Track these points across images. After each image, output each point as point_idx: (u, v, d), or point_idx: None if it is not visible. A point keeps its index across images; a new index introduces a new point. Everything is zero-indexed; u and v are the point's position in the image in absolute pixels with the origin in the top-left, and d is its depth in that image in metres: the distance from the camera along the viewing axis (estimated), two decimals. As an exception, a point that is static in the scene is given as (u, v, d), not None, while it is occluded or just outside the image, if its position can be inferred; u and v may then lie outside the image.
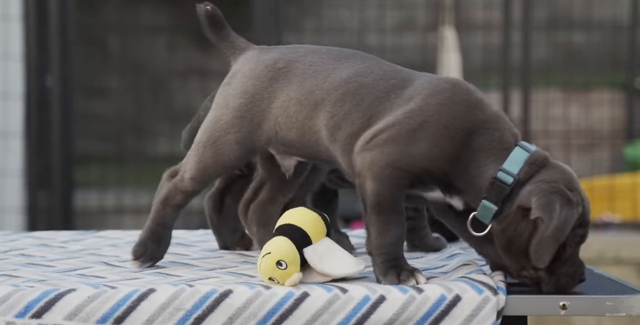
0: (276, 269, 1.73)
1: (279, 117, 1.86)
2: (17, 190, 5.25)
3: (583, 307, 1.73)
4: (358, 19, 6.17)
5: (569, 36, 6.34)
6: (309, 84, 1.85)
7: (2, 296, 1.66)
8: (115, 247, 2.18)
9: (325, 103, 1.83)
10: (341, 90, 1.83)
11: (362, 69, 1.84)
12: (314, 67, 1.86)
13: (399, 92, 1.81)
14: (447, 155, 1.77)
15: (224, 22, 1.92)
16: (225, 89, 1.91)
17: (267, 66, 1.88)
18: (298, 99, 1.85)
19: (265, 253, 1.74)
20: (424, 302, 1.69)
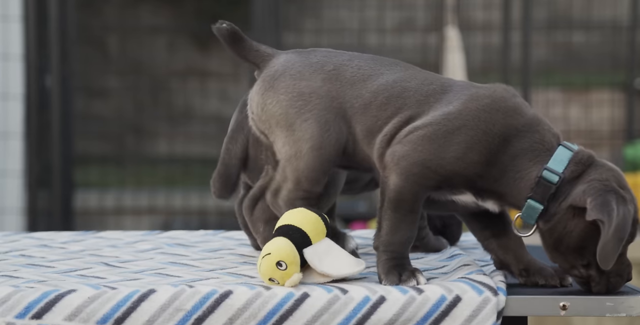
0: (276, 269, 1.73)
1: (338, 118, 1.85)
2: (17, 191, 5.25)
3: (583, 307, 1.73)
4: (358, 19, 6.17)
5: (568, 36, 6.34)
6: (360, 87, 1.86)
7: (2, 297, 1.66)
8: (115, 247, 2.18)
9: (371, 106, 1.84)
10: (387, 93, 1.85)
11: (406, 75, 1.86)
12: (362, 71, 1.87)
13: (438, 97, 1.83)
14: (484, 159, 1.78)
15: (242, 36, 1.91)
16: (270, 96, 1.88)
17: (317, 69, 1.88)
18: (351, 102, 1.85)
19: (265, 254, 1.74)
20: (424, 302, 1.69)
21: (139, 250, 2.14)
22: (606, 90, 6.19)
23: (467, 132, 1.79)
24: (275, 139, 1.87)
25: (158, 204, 6.07)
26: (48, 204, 5.37)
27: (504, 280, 1.79)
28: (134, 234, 2.36)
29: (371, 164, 1.86)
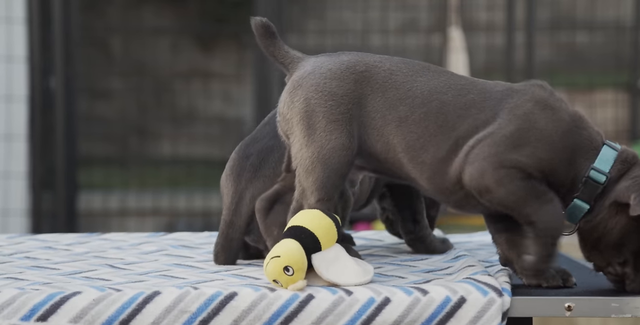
0: (282, 273, 1.72)
1: (367, 127, 1.81)
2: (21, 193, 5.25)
3: (588, 308, 1.73)
4: (361, 20, 6.17)
5: (572, 37, 6.34)
6: (392, 96, 1.82)
7: (7, 299, 1.66)
8: (120, 249, 2.18)
9: (408, 121, 1.80)
10: (424, 108, 1.81)
11: (440, 84, 1.82)
12: (394, 77, 1.83)
13: (480, 106, 1.81)
14: (553, 157, 1.78)
15: (275, 33, 1.88)
16: (298, 93, 1.83)
17: (349, 67, 1.83)
18: (383, 112, 1.81)
19: (275, 256, 1.73)
20: (429, 303, 1.69)
21: (143, 252, 2.14)
22: (610, 91, 6.18)
23: (525, 133, 1.78)
24: (294, 140, 1.82)
25: (162, 205, 6.08)
26: (52, 206, 5.38)
27: (508, 281, 1.79)
28: (139, 235, 2.36)
29: (407, 177, 1.82)
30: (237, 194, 1.97)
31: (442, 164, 1.80)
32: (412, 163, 1.80)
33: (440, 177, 1.80)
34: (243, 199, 1.97)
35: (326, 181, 1.80)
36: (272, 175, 1.95)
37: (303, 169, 1.80)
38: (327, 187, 1.80)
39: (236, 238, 1.98)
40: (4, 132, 5.23)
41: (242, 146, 2.02)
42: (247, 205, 1.97)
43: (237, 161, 2.00)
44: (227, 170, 2.02)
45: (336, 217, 1.80)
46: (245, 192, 1.97)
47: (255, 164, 1.97)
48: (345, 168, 1.81)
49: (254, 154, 1.98)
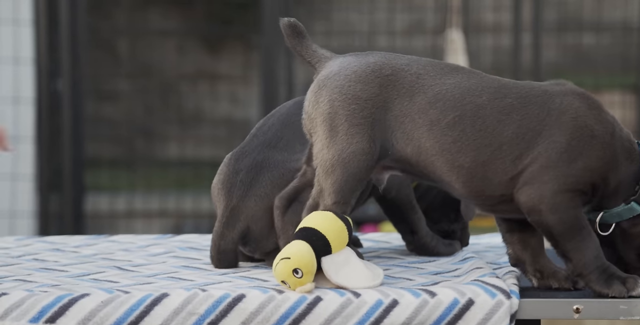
0: (291, 275, 1.72)
1: (396, 131, 1.80)
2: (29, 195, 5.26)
3: (597, 310, 1.73)
4: (368, 22, 6.16)
5: (579, 38, 6.33)
6: (420, 100, 1.80)
7: (16, 301, 1.66)
8: (128, 251, 2.18)
9: (441, 124, 1.79)
10: (458, 112, 1.79)
11: (472, 86, 1.81)
12: (422, 81, 1.81)
13: (522, 112, 1.79)
14: (606, 162, 1.79)
15: (305, 33, 1.87)
16: (322, 94, 1.81)
17: (374, 71, 1.81)
18: (412, 116, 1.80)
19: (285, 257, 1.73)
20: (437, 306, 1.69)
21: (151, 254, 2.14)
22: (617, 92, 6.17)
23: (577, 144, 1.78)
24: (316, 140, 1.81)
25: (169, 207, 6.08)
26: (59, 208, 5.39)
27: (516, 283, 1.79)
28: (146, 237, 2.36)
29: (439, 179, 1.81)
30: (229, 210, 1.97)
31: (482, 168, 1.78)
32: (447, 166, 1.79)
33: (479, 182, 1.79)
34: (236, 216, 1.97)
35: (344, 185, 1.79)
36: (264, 195, 1.96)
37: (323, 170, 1.80)
38: (345, 191, 1.79)
39: (229, 249, 1.98)
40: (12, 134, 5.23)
41: (231, 159, 2.01)
42: (241, 221, 1.97)
43: (227, 176, 1.99)
44: (217, 183, 2.01)
45: (348, 220, 1.79)
46: (237, 210, 1.97)
47: (245, 182, 1.97)
48: (364, 172, 1.80)
49: (244, 170, 1.98)
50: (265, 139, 2.01)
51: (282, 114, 2.05)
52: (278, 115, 2.05)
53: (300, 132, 1.94)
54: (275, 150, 2.00)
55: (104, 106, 6.85)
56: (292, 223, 1.90)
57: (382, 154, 1.81)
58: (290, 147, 2.00)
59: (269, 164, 1.96)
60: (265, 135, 2.02)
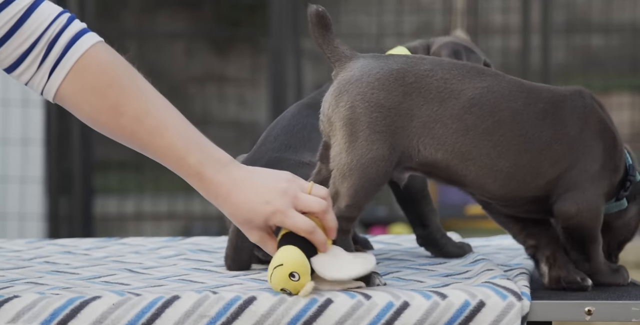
0: (289, 280, 1.71)
1: (423, 137, 1.78)
2: (38, 197, 5.27)
3: (608, 312, 1.73)
4: (376, 24, 6.17)
5: (587, 39, 6.33)
6: (452, 105, 1.79)
7: (27, 304, 1.67)
8: (139, 254, 2.18)
9: (479, 130, 1.79)
10: (496, 117, 1.79)
11: (504, 91, 1.81)
12: (449, 86, 1.79)
13: (555, 117, 1.82)
14: (623, 163, 1.86)
15: (331, 26, 1.81)
16: (344, 99, 1.79)
17: (397, 79, 1.78)
18: (444, 122, 1.78)
19: (277, 265, 1.73)
20: (448, 308, 1.69)
21: (162, 257, 2.14)
22: (626, 94, 6.17)
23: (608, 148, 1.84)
24: (334, 143, 1.80)
25: (177, 209, 6.09)
26: (68, 210, 5.40)
27: (527, 285, 1.78)
28: (157, 240, 2.36)
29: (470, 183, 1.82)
30: None
31: (521, 171, 1.80)
32: (485, 170, 1.80)
33: (516, 185, 1.81)
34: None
35: (360, 189, 1.79)
36: None
37: (340, 173, 1.79)
38: (360, 195, 1.79)
39: (245, 247, 1.98)
40: (21, 137, 5.25)
41: (244, 163, 1.99)
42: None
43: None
44: None
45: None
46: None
47: None
48: (381, 179, 1.79)
49: None
50: (274, 145, 2.02)
51: (284, 126, 2.05)
52: (281, 127, 2.05)
53: (307, 139, 1.95)
54: (285, 155, 2.00)
55: (113, 109, 6.85)
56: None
57: (404, 160, 1.80)
58: (300, 154, 2.00)
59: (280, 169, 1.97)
60: (272, 144, 2.02)
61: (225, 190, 1.81)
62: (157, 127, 1.83)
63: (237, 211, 1.81)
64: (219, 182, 1.81)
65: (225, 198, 1.81)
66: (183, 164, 1.82)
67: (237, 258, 1.98)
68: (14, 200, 5.19)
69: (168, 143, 1.82)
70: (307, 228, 1.77)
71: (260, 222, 1.80)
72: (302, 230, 1.76)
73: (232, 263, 1.98)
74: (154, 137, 1.83)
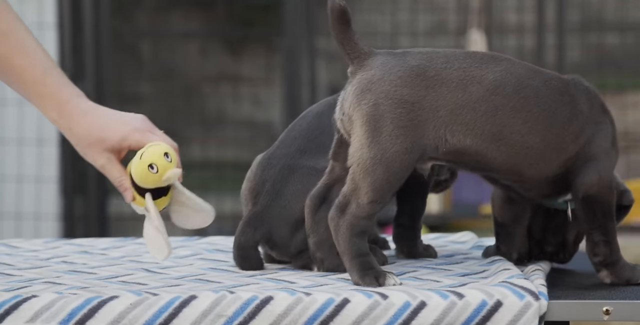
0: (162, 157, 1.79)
1: (451, 125, 1.81)
2: (53, 197, 5.28)
3: (627, 312, 1.72)
4: (390, 23, 6.16)
5: (602, 38, 6.30)
6: (477, 90, 1.82)
7: (46, 303, 1.67)
8: (155, 253, 2.18)
9: (507, 109, 1.83)
10: (521, 94, 1.84)
11: (521, 71, 1.86)
12: (469, 72, 1.83)
13: (568, 93, 1.89)
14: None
15: (351, 22, 1.83)
16: (366, 97, 1.81)
17: (419, 74, 1.81)
18: (471, 106, 1.82)
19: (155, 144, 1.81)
20: (465, 307, 1.69)
21: (178, 256, 2.15)
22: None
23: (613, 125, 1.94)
24: (354, 140, 1.81)
25: (192, 209, 6.09)
26: (84, 210, 5.41)
27: (545, 284, 1.78)
28: (173, 239, 2.36)
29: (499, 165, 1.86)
30: (252, 213, 2.00)
31: (550, 148, 1.86)
32: (515, 149, 1.84)
33: (544, 163, 1.87)
34: (259, 220, 1.99)
35: (384, 184, 1.80)
36: (288, 207, 1.98)
37: (361, 169, 1.80)
38: (384, 190, 1.80)
39: (248, 246, 1.99)
40: (36, 137, 5.26)
41: (258, 168, 2.04)
42: (264, 226, 1.99)
43: (254, 184, 2.02)
44: (245, 189, 2.05)
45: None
46: (261, 216, 1.99)
47: (271, 193, 1.99)
48: (404, 172, 1.81)
49: (269, 180, 2.00)
50: (289, 150, 2.02)
51: (303, 129, 2.05)
52: (299, 130, 2.05)
53: (325, 146, 1.95)
54: (299, 161, 2.00)
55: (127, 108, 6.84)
56: (322, 221, 1.90)
57: (428, 151, 1.83)
58: (315, 160, 2.00)
59: (295, 179, 1.99)
60: (290, 148, 2.03)
61: (81, 110, 1.83)
62: (21, 48, 1.85)
63: (91, 130, 1.82)
64: (76, 104, 1.83)
65: (79, 118, 1.82)
66: (40, 83, 1.84)
67: (244, 256, 1.99)
68: (30, 200, 5.20)
69: (29, 63, 1.85)
70: (171, 142, 1.83)
71: (114, 141, 1.82)
72: (166, 142, 1.82)
73: (241, 262, 1.99)
74: (16, 54, 1.85)
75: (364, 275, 1.80)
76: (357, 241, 1.82)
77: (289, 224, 1.97)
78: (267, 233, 1.98)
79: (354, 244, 1.82)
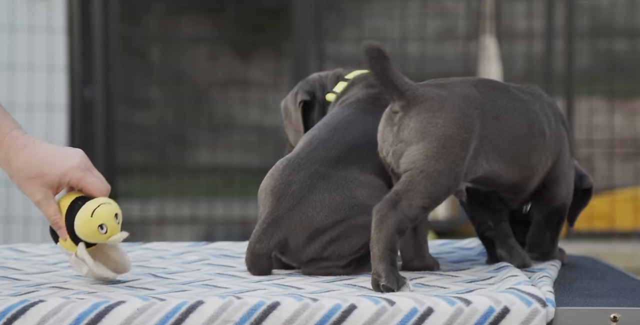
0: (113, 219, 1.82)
1: (490, 153, 1.93)
2: (62, 201, 5.28)
3: (634, 318, 1.72)
4: (399, 28, 6.16)
5: (611, 44, 6.29)
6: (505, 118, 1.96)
7: (53, 308, 1.67)
8: (163, 259, 2.19)
9: (522, 135, 1.97)
10: (528, 120, 1.99)
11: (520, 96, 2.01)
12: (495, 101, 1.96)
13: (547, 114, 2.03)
14: None
15: (389, 59, 1.87)
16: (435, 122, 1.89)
17: (472, 104, 1.92)
18: (502, 134, 1.94)
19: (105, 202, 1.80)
20: (472, 314, 1.69)
21: (186, 262, 2.15)
22: (650, 98, 6.13)
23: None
24: (416, 150, 1.87)
25: (200, 213, 6.10)
26: (92, 214, 5.41)
27: (552, 291, 1.78)
28: (181, 245, 2.37)
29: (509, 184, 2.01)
30: (272, 217, 1.97)
31: (542, 166, 2.01)
32: (524, 169, 1.99)
33: (537, 178, 2.02)
34: (277, 225, 1.96)
35: (441, 196, 1.89)
36: (310, 214, 1.95)
37: (426, 176, 1.86)
38: (438, 201, 1.89)
39: (263, 254, 1.97)
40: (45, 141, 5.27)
41: (286, 168, 1.99)
42: (281, 232, 1.96)
43: (279, 184, 1.97)
44: (266, 187, 1.99)
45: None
46: (280, 220, 1.96)
47: (296, 197, 1.96)
48: (452, 192, 1.92)
49: (297, 183, 1.97)
50: (326, 155, 1.99)
51: (366, 128, 2.01)
52: (345, 135, 2.02)
53: (364, 157, 1.96)
54: (332, 170, 1.98)
55: (136, 113, 6.89)
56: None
57: (466, 176, 1.93)
58: (348, 170, 1.98)
59: (324, 186, 1.96)
60: (328, 152, 1.99)
61: (20, 143, 1.79)
62: None
63: (31, 163, 1.78)
64: (15, 136, 1.80)
65: (18, 150, 1.78)
66: None
67: (256, 262, 1.98)
68: (38, 204, 5.21)
69: None
70: (107, 187, 1.81)
71: (54, 176, 1.78)
72: (101, 188, 1.80)
73: (252, 267, 1.99)
74: None
75: (390, 272, 1.81)
76: (396, 238, 1.84)
77: (306, 231, 1.95)
78: (283, 239, 1.96)
79: (394, 239, 1.84)
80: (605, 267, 2.19)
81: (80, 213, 1.80)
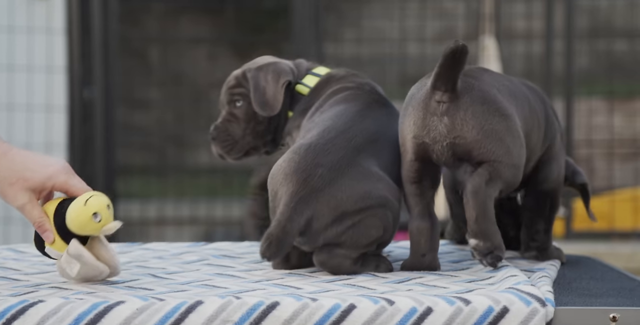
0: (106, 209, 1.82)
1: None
2: (61, 202, 5.28)
3: (633, 318, 1.72)
4: (398, 29, 6.16)
5: (611, 45, 6.29)
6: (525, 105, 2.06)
7: (52, 308, 1.67)
8: (162, 259, 2.19)
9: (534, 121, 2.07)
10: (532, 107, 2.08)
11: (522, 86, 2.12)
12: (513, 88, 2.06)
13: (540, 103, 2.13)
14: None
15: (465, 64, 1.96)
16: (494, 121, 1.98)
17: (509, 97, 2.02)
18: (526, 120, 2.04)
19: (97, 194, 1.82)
20: (472, 313, 1.69)
21: (185, 262, 2.15)
22: (650, 99, 6.13)
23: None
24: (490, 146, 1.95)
25: (199, 214, 6.10)
26: (91, 215, 5.41)
27: (551, 291, 1.78)
28: (180, 245, 2.37)
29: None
30: (298, 197, 1.94)
31: (536, 147, 2.09)
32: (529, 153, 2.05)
33: (534, 159, 2.10)
34: (305, 204, 1.94)
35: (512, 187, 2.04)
36: (338, 198, 1.95)
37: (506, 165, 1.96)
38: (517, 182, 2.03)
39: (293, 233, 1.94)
40: (44, 142, 5.27)
41: (308, 151, 1.98)
42: (309, 210, 1.95)
43: (304, 165, 1.96)
44: (287, 168, 1.97)
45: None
46: (308, 199, 1.94)
47: (326, 178, 1.95)
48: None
49: (326, 166, 1.97)
50: (349, 145, 2.00)
51: (363, 129, 2.04)
52: (371, 125, 2.05)
53: (379, 149, 1.99)
54: (357, 159, 1.99)
55: (136, 114, 6.89)
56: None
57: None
58: (368, 162, 2.00)
59: (351, 173, 1.97)
60: (349, 142, 2.01)
61: (2, 150, 1.82)
62: None
63: (13, 169, 1.81)
64: None
65: (3, 154, 1.82)
66: None
67: (283, 240, 1.93)
68: (38, 205, 5.21)
69: None
70: (89, 189, 1.84)
71: (39, 179, 1.81)
72: (86, 190, 1.83)
73: (277, 245, 1.93)
74: None
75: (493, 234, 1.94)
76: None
77: (333, 213, 1.95)
78: (309, 218, 1.95)
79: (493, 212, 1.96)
80: (604, 267, 2.20)
81: (72, 205, 1.81)
